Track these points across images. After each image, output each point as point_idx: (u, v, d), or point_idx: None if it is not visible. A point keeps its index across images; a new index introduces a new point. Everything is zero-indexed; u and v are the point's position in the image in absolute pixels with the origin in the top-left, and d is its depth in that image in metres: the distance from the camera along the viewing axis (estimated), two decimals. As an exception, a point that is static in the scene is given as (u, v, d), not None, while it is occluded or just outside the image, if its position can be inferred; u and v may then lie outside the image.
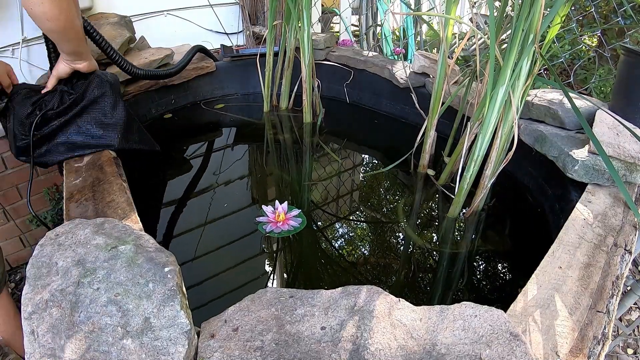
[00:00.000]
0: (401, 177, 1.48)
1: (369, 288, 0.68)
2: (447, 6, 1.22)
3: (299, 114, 1.88)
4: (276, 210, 1.20)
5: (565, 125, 1.19)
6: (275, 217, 1.18)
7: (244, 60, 2.04)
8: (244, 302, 0.67)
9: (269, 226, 1.16)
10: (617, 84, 1.18)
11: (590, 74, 1.96)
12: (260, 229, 1.17)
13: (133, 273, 0.63)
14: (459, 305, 0.64)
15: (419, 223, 1.26)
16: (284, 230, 1.15)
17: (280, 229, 1.16)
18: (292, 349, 0.58)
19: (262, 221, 1.19)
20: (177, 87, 1.86)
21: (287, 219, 1.18)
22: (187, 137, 1.76)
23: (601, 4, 2.01)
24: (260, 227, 1.17)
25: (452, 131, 1.42)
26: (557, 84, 1.02)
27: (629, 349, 1.45)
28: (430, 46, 2.73)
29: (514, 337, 0.58)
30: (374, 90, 1.89)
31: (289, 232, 1.16)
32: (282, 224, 1.17)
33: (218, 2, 2.24)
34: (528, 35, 0.98)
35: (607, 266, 0.76)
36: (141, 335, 0.56)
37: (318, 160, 1.60)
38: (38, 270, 0.64)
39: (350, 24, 3.20)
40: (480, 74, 1.24)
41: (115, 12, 1.76)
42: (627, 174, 1.01)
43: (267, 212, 1.20)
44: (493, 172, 1.13)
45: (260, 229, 1.16)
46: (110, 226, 0.74)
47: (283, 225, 1.16)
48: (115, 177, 1.04)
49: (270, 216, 1.19)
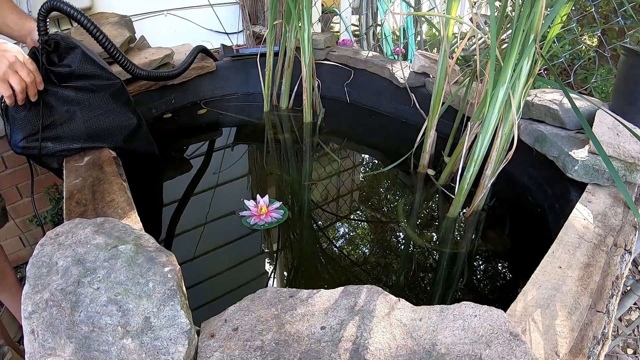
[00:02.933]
0: (401, 177, 1.48)
1: (369, 288, 0.68)
2: (447, 6, 1.22)
3: (299, 114, 1.88)
4: (258, 204, 1.22)
5: (565, 125, 1.19)
6: (258, 211, 1.21)
7: (244, 60, 2.04)
8: (244, 302, 0.67)
9: (252, 219, 1.20)
10: (617, 84, 1.18)
11: (591, 74, 1.96)
12: (244, 222, 1.20)
13: (133, 273, 0.63)
14: (459, 305, 0.64)
15: (419, 223, 1.26)
16: (267, 223, 1.18)
17: (264, 221, 1.19)
18: (292, 349, 0.58)
19: (245, 215, 1.21)
20: (177, 87, 1.86)
21: (269, 211, 1.21)
22: (187, 137, 1.76)
23: (601, 4, 2.01)
24: (244, 221, 1.20)
25: (452, 131, 1.42)
26: (557, 84, 1.02)
27: (629, 349, 1.45)
28: (430, 46, 2.73)
29: (514, 337, 0.58)
30: (374, 90, 1.89)
31: (272, 225, 1.19)
32: (265, 216, 1.20)
33: (218, 2, 2.24)
34: (529, 35, 0.98)
35: (607, 266, 0.76)
36: (141, 335, 0.56)
37: (318, 160, 1.60)
38: (38, 269, 0.64)
39: (350, 23, 3.20)
40: (480, 74, 1.24)
41: (115, 12, 1.76)
42: (627, 174, 1.01)
43: (249, 206, 1.23)
44: (493, 172, 1.13)
45: (245, 223, 1.19)
46: (110, 226, 0.74)
47: (266, 217, 1.19)
48: (115, 177, 1.04)
49: (252, 210, 1.22)
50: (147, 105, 1.78)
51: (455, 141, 1.37)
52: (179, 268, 0.66)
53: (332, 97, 2.01)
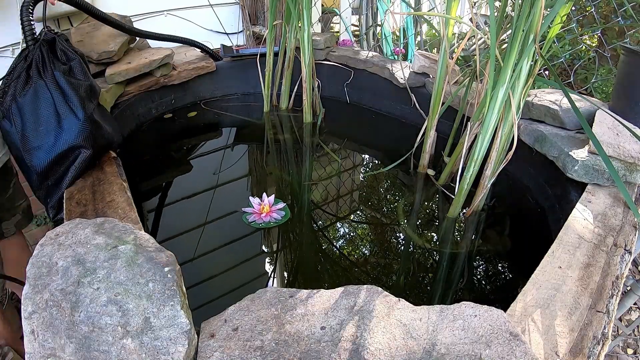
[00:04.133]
0: (401, 177, 1.48)
1: (369, 288, 0.68)
2: (447, 6, 1.22)
3: (299, 114, 1.88)
4: (262, 202, 1.22)
5: (565, 125, 1.19)
6: (260, 209, 1.21)
7: (244, 60, 2.04)
8: (244, 302, 0.67)
9: (252, 216, 1.20)
10: (617, 84, 1.18)
11: (591, 74, 1.96)
12: (243, 219, 1.20)
13: (133, 273, 0.63)
14: (459, 305, 0.64)
15: (419, 223, 1.26)
16: (265, 222, 1.19)
17: (262, 220, 1.19)
18: (292, 349, 0.58)
19: (247, 211, 1.22)
20: (177, 87, 1.86)
21: (271, 211, 1.21)
22: (187, 137, 1.76)
23: (601, 4, 2.01)
24: (244, 218, 1.20)
25: (452, 131, 1.42)
26: (557, 84, 1.02)
27: (629, 349, 1.45)
28: (430, 46, 2.73)
29: (514, 337, 0.58)
30: (374, 90, 1.89)
31: (268, 224, 1.19)
32: (265, 215, 1.20)
33: (218, 2, 2.24)
34: (528, 36, 0.98)
35: (607, 266, 0.76)
36: (141, 335, 0.56)
37: (318, 160, 1.60)
38: (38, 270, 0.64)
39: (350, 24, 3.20)
40: (480, 74, 1.24)
41: (115, 12, 1.76)
42: (627, 174, 1.01)
43: (253, 203, 1.23)
44: (493, 172, 1.13)
45: (244, 219, 1.20)
46: (110, 226, 0.74)
47: (266, 217, 1.19)
48: (115, 177, 1.04)
49: (255, 207, 1.22)
50: (147, 106, 1.78)
51: (455, 141, 1.37)
52: (179, 268, 0.66)
53: (332, 97, 2.01)
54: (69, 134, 1.01)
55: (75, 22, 1.79)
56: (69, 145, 1.01)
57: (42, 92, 1.01)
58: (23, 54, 1.06)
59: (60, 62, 1.07)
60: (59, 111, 1.02)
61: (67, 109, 1.03)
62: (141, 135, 1.70)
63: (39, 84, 1.01)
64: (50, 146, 1.00)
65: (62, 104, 1.02)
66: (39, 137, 1.00)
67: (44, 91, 1.02)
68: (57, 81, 1.03)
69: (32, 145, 1.00)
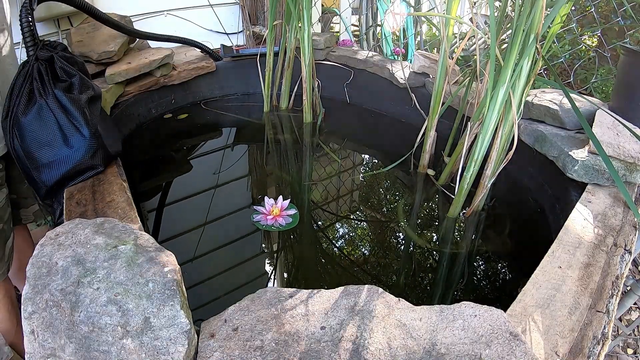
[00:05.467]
0: (401, 177, 1.48)
1: (369, 288, 0.68)
2: (447, 6, 1.22)
3: (299, 114, 1.88)
4: (275, 205, 1.22)
5: (565, 125, 1.19)
6: (270, 211, 1.21)
7: (244, 60, 2.04)
8: (244, 302, 0.67)
9: (259, 216, 1.20)
10: (617, 84, 1.18)
11: (591, 74, 1.96)
12: (252, 216, 1.21)
13: (133, 273, 0.63)
14: (459, 305, 0.64)
15: (419, 223, 1.26)
16: (268, 225, 1.18)
17: (266, 222, 1.19)
18: (292, 349, 0.58)
19: (257, 210, 1.23)
20: (177, 87, 1.86)
21: (280, 215, 1.21)
22: (187, 137, 1.76)
23: (601, 4, 2.01)
24: (252, 215, 1.21)
25: (452, 131, 1.42)
26: (557, 84, 1.02)
27: (629, 349, 1.45)
28: (430, 46, 2.73)
29: (514, 337, 0.58)
30: (374, 90, 1.89)
31: (270, 228, 1.18)
32: (272, 218, 1.19)
33: (218, 2, 2.24)
34: (529, 35, 0.98)
35: (607, 266, 0.76)
36: (141, 335, 0.56)
37: (318, 160, 1.60)
38: (38, 270, 0.64)
39: (350, 24, 3.20)
40: (480, 74, 1.24)
41: (115, 12, 1.76)
42: (627, 174, 1.01)
43: (266, 203, 1.23)
44: (493, 172, 1.13)
45: (252, 217, 1.21)
46: (110, 226, 0.74)
47: (271, 220, 1.19)
48: (115, 177, 1.04)
49: (267, 208, 1.22)
50: (147, 106, 1.78)
51: (455, 141, 1.37)
52: (179, 268, 0.66)
53: (332, 97, 2.01)
54: (77, 153, 1.03)
55: (75, 22, 1.79)
56: (76, 163, 1.03)
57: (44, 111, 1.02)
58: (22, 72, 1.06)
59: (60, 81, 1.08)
60: (64, 130, 1.03)
61: (71, 127, 1.03)
62: (141, 135, 1.70)
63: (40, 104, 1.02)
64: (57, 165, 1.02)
65: (66, 123, 1.03)
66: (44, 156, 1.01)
67: (46, 111, 1.02)
68: (59, 100, 1.03)
69: (39, 163, 1.01)
